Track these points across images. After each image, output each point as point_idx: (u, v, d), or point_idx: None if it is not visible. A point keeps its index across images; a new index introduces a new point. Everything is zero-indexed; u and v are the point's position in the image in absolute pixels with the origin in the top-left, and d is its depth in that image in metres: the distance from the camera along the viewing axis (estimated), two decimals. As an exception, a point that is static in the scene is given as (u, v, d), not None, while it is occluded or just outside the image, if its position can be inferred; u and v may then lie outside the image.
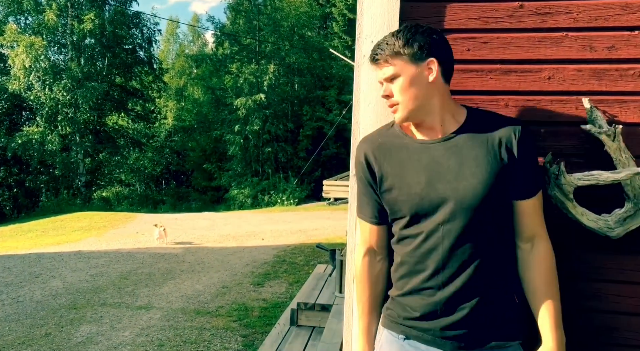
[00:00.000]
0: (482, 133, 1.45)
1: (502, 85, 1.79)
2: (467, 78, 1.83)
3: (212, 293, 6.84)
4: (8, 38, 22.72)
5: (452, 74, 1.52)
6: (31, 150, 23.09)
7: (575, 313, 1.66)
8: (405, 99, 1.46)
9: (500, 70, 1.79)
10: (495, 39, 1.80)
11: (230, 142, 24.79)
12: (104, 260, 9.05)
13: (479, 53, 1.81)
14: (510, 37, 1.78)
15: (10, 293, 6.95)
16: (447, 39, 1.51)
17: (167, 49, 42.15)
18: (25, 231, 14.58)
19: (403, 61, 1.45)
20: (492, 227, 1.41)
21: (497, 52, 1.79)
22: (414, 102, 1.46)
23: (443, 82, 1.48)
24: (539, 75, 1.76)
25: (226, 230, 12.79)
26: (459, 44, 1.82)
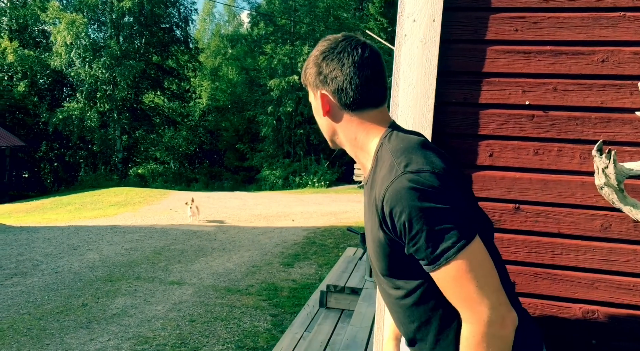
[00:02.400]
0: (372, 189, 1.18)
1: (552, 68, 1.71)
2: (513, 60, 1.75)
3: (242, 271, 6.93)
4: (51, 15, 23.25)
5: (367, 98, 1.22)
6: (71, 126, 23.76)
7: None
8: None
9: (550, 52, 1.71)
10: (545, 19, 1.71)
11: (262, 123, 24.89)
12: (138, 235, 9.27)
13: (527, 33, 1.73)
14: (562, 16, 1.69)
15: (50, 263, 7.20)
16: (366, 59, 1.21)
17: (202, 29, 42.37)
18: (65, 204, 15.06)
19: (309, 88, 1.32)
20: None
21: (547, 33, 1.71)
22: (325, 133, 1.34)
23: (347, 112, 1.24)
24: (592, 57, 1.67)
25: (257, 210, 12.91)
26: (506, 23, 1.74)
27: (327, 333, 3.91)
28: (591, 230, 1.72)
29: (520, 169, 1.78)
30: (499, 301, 1.04)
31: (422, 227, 1.04)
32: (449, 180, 1.08)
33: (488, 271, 1.06)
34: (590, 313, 1.74)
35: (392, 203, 1.07)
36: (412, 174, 1.06)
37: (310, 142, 25.24)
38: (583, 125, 1.69)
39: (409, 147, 1.15)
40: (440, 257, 1.04)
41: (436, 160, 1.11)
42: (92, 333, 4.71)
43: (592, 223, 1.71)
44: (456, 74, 1.82)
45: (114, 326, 4.89)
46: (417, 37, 1.82)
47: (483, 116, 1.81)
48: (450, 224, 1.03)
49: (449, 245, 1.03)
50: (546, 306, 1.79)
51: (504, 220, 1.81)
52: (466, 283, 1.04)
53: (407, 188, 1.05)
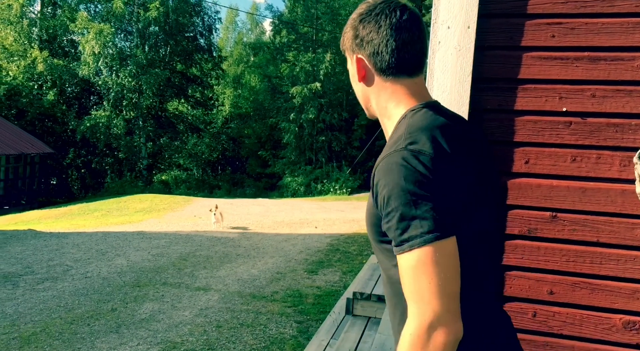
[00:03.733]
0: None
1: (590, 74, 1.69)
2: (550, 66, 1.74)
3: (267, 278, 6.96)
4: (79, 25, 23.83)
5: (402, 63, 1.19)
6: (98, 133, 24.25)
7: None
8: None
9: (588, 58, 1.69)
10: (583, 25, 1.69)
11: (285, 130, 25.04)
12: (164, 241, 9.39)
13: (564, 39, 1.71)
14: (601, 22, 1.67)
15: (80, 268, 7.34)
16: (404, 21, 1.19)
17: (225, 37, 42.92)
18: (92, 210, 15.35)
19: (346, 54, 1.31)
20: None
21: (585, 39, 1.69)
22: (360, 100, 1.32)
23: (381, 78, 1.22)
24: (632, 63, 1.65)
25: (280, 217, 12.96)
26: (543, 29, 1.73)
27: (354, 341, 3.89)
28: (632, 239, 1.69)
29: (557, 177, 1.76)
30: (447, 308, 0.98)
31: (398, 206, 1.00)
32: (447, 172, 1.04)
33: (449, 274, 0.99)
34: (631, 324, 1.71)
35: (380, 175, 1.05)
36: (410, 152, 1.03)
37: (332, 148, 25.27)
38: (623, 132, 1.67)
39: (425, 127, 1.10)
40: (405, 242, 1.00)
41: (443, 148, 1.06)
42: (122, 338, 4.78)
43: (633, 232, 1.68)
44: (491, 80, 1.81)
45: (142, 331, 4.95)
46: (452, 44, 1.82)
47: (518, 123, 1.79)
48: (427, 213, 0.99)
49: (417, 233, 0.99)
50: (585, 317, 1.76)
51: (540, 228, 1.79)
52: (421, 277, 0.98)
53: (399, 164, 1.02)
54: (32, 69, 24.12)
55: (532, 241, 1.80)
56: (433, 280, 0.98)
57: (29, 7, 26.21)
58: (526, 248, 1.81)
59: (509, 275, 1.84)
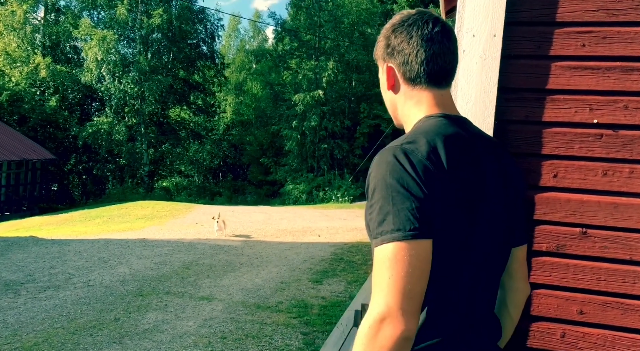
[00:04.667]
0: None
1: (622, 85, 1.63)
2: (580, 76, 1.68)
3: (271, 287, 6.87)
4: (82, 31, 23.88)
5: (431, 74, 1.22)
6: (100, 140, 24.21)
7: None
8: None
9: (620, 68, 1.63)
10: (615, 34, 1.63)
11: (287, 137, 25.00)
12: (167, 249, 9.31)
13: (595, 49, 1.65)
14: (634, 31, 1.61)
15: (82, 277, 7.26)
16: (435, 33, 1.21)
17: (228, 45, 43.02)
18: (93, 217, 15.27)
19: (378, 63, 1.35)
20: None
21: (617, 48, 1.63)
22: (388, 108, 1.37)
23: (409, 87, 1.25)
24: (667, 74, 1.58)
25: (282, 225, 12.87)
26: (572, 38, 1.67)
27: (363, 355, 3.80)
28: (668, 257, 1.61)
29: (587, 191, 1.70)
30: (399, 305, 0.98)
31: (379, 199, 1.04)
32: (435, 178, 1.05)
33: (410, 274, 1.00)
34: (666, 346, 1.63)
35: (372, 168, 1.09)
36: (402, 150, 1.07)
37: (334, 156, 25.23)
38: (658, 145, 1.60)
39: (429, 132, 1.13)
40: (379, 236, 1.03)
41: (439, 156, 1.08)
42: (125, 349, 4.70)
43: (669, 249, 1.61)
44: (518, 91, 1.75)
45: (146, 342, 4.87)
46: (477, 53, 1.76)
47: (546, 135, 1.73)
48: (402, 211, 1.01)
49: (389, 229, 1.01)
50: (617, 338, 1.68)
51: (569, 244, 1.72)
52: (384, 271, 1.00)
53: (388, 160, 1.06)
54: (35, 75, 24.14)
55: (561, 258, 1.73)
56: (392, 276, 0.99)
57: (33, 14, 26.28)
58: (554, 266, 1.74)
59: (536, 294, 1.77)
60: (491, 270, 1.29)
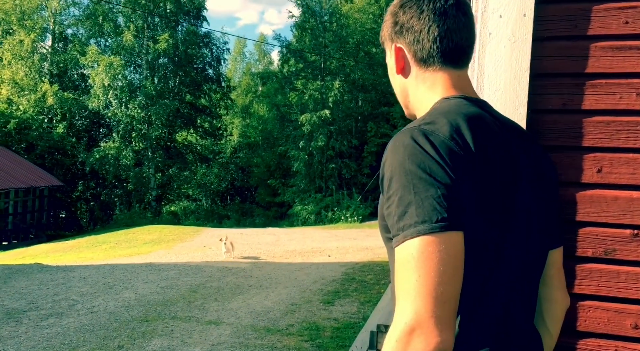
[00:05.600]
0: None
1: (673, 65, 1.44)
2: (624, 58, 1.49)
3: (281, 310, 6.62)
4: (90, 58, 24.11)
5: (446, 53, 1.07)
6: (107, 165, 24.23)
7: None
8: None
9: (670, 47, 1.44)
10: (663, 8, 1.45)
11: (294, 158, 24.88)
12: (173, 273, 9.09)
13: (640, 26, 1.46)
14: (685, 4, 1.43)
15: (86, 303, 7.05)
16: (449, 6, 1.07)
17: (234, 68, 43.43)
18: (100, 242, 15.11)
19: (385, 45, 1.20)
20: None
21: (665, 24, 1.44)
22: (398, 96, 1.21)
23: (421, 69, 1.10)
24: None
25: (291, 246, 12.63)
26: (614, 15, 1.48)
27: (381, 380, 3.55)
28: None
29: (637, 187, 1.49)
30: (431, 312, 0.82)
31: (398, 189, 0.89)
32: (463, 160, 0.90)
33: (443, 273, 0.83)
34: None
35: (387, 154, 0.94)
36: (421, 131, 0.93)
37: (342, 176, 25.04)
38: None
39: (450, 112, 0.99)
40: (400, 231, 0.88)
41: (464, 138, 0.93)
42: (128, 378, 4.46)
43: None
44: (552, 76, 1.56)
45: (150, 370, 4.63)
46: (505, 35, 1.58)
47: (587, 125, 1.53)
48: (426, 200, 0.86)
49: (412, 222, 0.86)
50: (681, 355, 1.46)
51: (619, 248, 1.51)
52: (409, 272, 0.85)
53: (406, 143, 0.91)
54: (42, 103, 24.32)
55: (610, 264, 1.52)
56: (421, 276, 0.83)
57: (40, 43, 26.64)
58: (603, 274, 1.53)
59: (582, 306, 1.55)
60: (529, 273, 1.11)
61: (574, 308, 1.55)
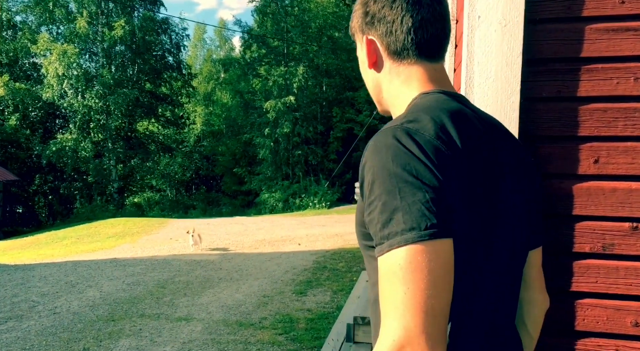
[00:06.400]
0: None
1: (674, 48, 1.36)
2: (620, 40, 1.40)
3: (253, 303, 6.49)
4: (41, 46, 23.04)
5: (420, 45, 0.99)
6: (65, 158, 23.36)
7: None
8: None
9: (670, 28, 1.36)
10: (661, -13, 1.36)
11: (260, 146, 24.58)
12: (140, 268, 8.81)
13: (638, 5, 1.38)
14: (685, -18, 1.35)
15: (47, 304, 6.73)
16: None
17: (194, 55, 42.43)
18: (61, 238, 14.58)
19: (356, 37, 1.11)
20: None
21: (664, 4, 1.36)
22: (371, 92, 1.13)
23: (395, 63, 1.02)
24: None
25: (260, 235, 12.48)
26: (610, -6, 1.39)
27: (360, 373, 3.48)
28: None
29: (636, 178, 1.42)
30: (422, 329, 0.75)
31: (381, 193, 0.81)
32: (451, 160, 0.84)
33: (433, 285, 0.77)
34: None
35: (368, 156, 0.87)
36: (404, 130, 0.85)
37: (308, 162, 24.91)
38: None
39: (433, 108, 0.92)
40: (384, 239, 0.80)
41: (450, 135, 0.87)
42: (95, 384, 4.25)
43: None
44: (546, 61, 1.46)
45: (118, 374, 4.43)
46: (495, 19, 1.47)
47: (583, 113, 1.45)
48: (413, 205, 0.79)
49: (399, 229, 0.79)
50: (683, 352, 1.40)
51: (618, 243, 1.44)
52: (397, 284, 0.77)
53: (389, 144, 0.84)
54: (-8, 94, 23.17)
55: (609, 260, 1.45)
56: (409, 289, 0.76)
57: (-13, 31, 25.30)
58: (601, 270, 1.45)
59: (580, 304, 1.48)
60: (514, 275, 1.05)
61: (571, 307, 1.47)
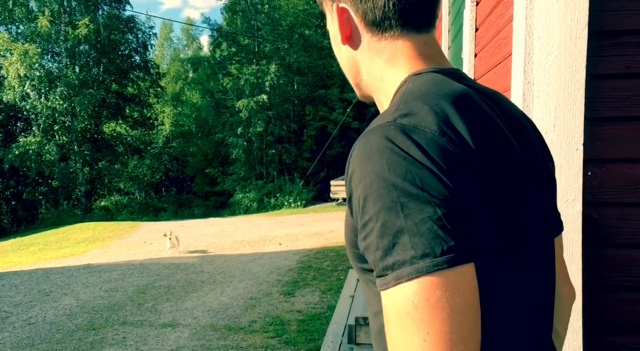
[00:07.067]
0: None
1: None
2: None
3: (240, 305, 6.28)
4: (1, 47, 22.12)
5: (405, 13, 0.78)
6: (28, 161, 22.50)
7: None
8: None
9: None
10: None
11: (232, 145, 24.23)
12: (116, 274, 8.47)
13: None
14: None
15: (21, 314, 6.36)
16: None
17: (161, 54, 41.59)
18: (27, 245, 13.97)
19: (324, 6, 0.89)
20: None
21: None
22: (346, 72, 0.91)
23: (374, 36, 0.81)
24: None
25: (238, 236, 12.22)
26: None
27: (367, 376, 3.35)
28: None
29: None
30: None
31: (379, 212, 0.63)
32: (463, 161, 0.65)
33: (461, 330, 0.60)
34: None
35: (354, 163, 0.67)
36: (400, 129, 0.66)
37: (282, 161, 24.69)
38: None
39: (429, 93, 0.71)
40: (389, 271, 0.62)
41: (455, 126, 0.67)
42: (82, 398, 3.99)
43: None
44: (615, 34, 1.35)
45: (106, 387, 4.18)
46: (559, -12, 1.34)
47: (654, 90, 1.34)
48: (422, 225, 0.61)
49: (407, 257, 0.61)
50: None
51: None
52: (412, 329, 0.60)
53: (382, 148, 0.65)
54: (-51, 96, 22.11)
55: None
56: (430, 335, 0.59)
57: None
58: None
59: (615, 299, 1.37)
60: (550, 276, 0.84)
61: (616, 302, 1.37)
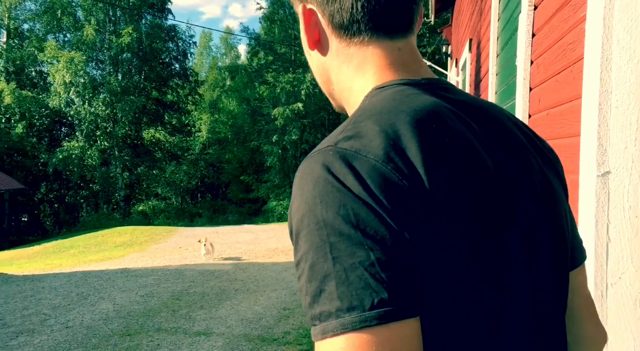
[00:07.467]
0: None
1: None
2: None
3: (274, 316, 6.21)
4: (48, 54, 22.97)
5: (375, 16, 0.68)
6: (71, 166, 23.22)
7: None
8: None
9: None
10: None
11: (268, 153, 24.39)
12: (152, 279, 8.55)
13: None
14: None
15: (59, 317, 6.47)
16: None
17: (200, 63, 42.43)
18: (68, 247, 14.33)
19: (295, 7, 0.79)
20: None
21: None
22: (318, 80, 0.81)
23: (344, 41, 0.71)
24: None
25: (272, 244, 12.21)
26: None
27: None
28: None
29: None
30: None
31: (309, 251, 0.54)
32: (407, 193, 0.54)
33: None
34: None
35: (294, 192, 0.59)
36: (338, 154, 0.57)
37: (316, 170, 24.68)
38: None
39: (384, 112, 0.61)
40: (316, 321, 0.54)
41: (406, 150, 0.57)
42: (116, 405, 3.98)
43: None
44: None
45: (140, 395, 4.16)
46: (643, -11, 1.21)
47: None
48: (355, 273, 0.52)
49: (332, 308, 0.52)
50: None
51: None
52: None
53: (317, 177, 0.56)
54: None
55: None
56: None
57: (-6, 39, 25.29)
58: None
59: None
60: (549, 318, 0.70)
61: None
